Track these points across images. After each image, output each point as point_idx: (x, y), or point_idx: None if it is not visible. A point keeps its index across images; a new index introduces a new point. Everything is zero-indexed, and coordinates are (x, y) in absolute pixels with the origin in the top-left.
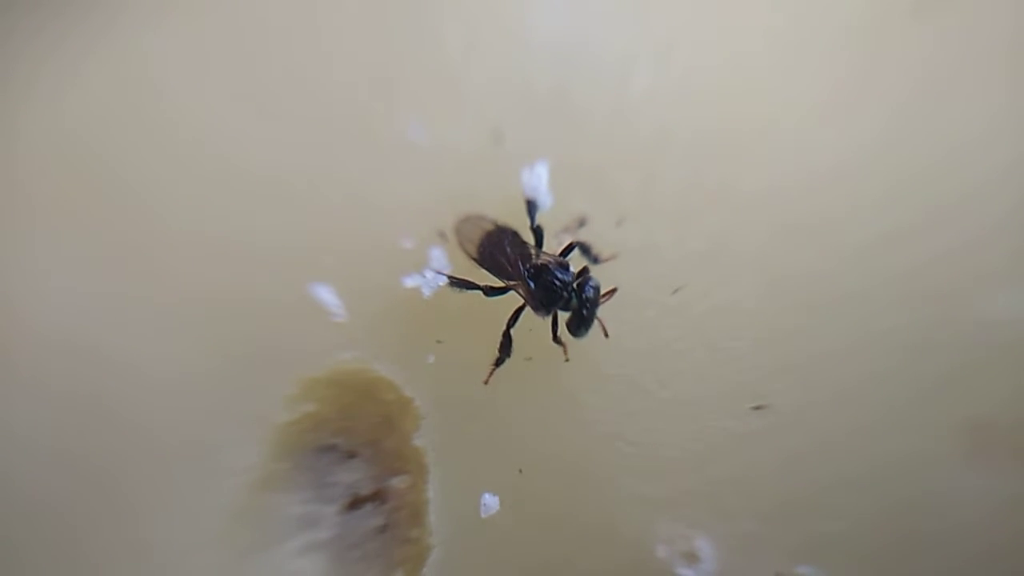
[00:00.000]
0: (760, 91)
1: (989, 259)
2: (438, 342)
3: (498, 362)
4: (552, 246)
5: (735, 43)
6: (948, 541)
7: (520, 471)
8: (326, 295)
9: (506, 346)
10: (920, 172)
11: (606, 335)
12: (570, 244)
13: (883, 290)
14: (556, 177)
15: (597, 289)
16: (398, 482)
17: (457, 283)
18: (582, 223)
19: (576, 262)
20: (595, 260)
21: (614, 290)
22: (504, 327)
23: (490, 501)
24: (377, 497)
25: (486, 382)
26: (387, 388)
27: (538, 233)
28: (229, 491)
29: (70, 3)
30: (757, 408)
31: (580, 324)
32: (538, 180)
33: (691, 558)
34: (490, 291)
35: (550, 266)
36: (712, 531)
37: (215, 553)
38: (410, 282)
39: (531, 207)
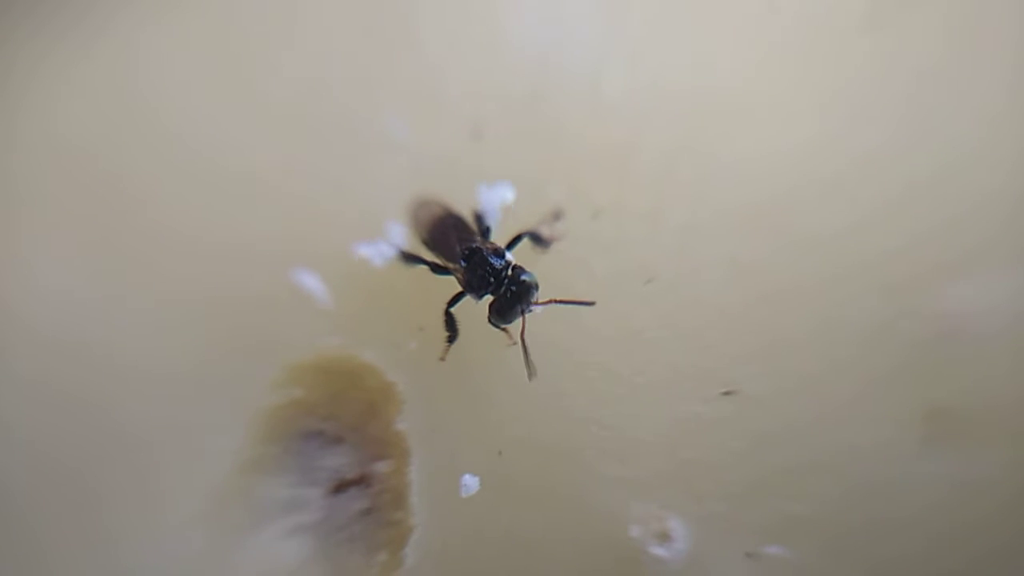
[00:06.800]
0: (731, 93)
1: (948, 251)
2: (420, 329)
3: (449, 340)
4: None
5: (706, 47)
6: (907, 524)
7: (500, 453)
8: (312, 283)
9: (449, 325)
10: (881, 165)
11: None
12: (519, 235)
13: (846, 281)
14: (533, 171)
15: (527, 284)
16: (382, 466)
17: (407, 258)
18: (557, 216)
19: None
20: (542, 241)
21: (552, 301)
22: (445, 307)
23: (470, 482)
24: (362, 481)
25: (442, 359)
26: (371, 374)
27: (482, 224)
28: (217, 474)
29: (66, 6)
30: (727, 394)
31: (499, 311)
32: (496, 200)
33: (664, 538)
34: (436, 268)
35: (484, 251)
36: (684, 512)
37: (203, 534)
38: (363, 251)
39: (479, 218)
